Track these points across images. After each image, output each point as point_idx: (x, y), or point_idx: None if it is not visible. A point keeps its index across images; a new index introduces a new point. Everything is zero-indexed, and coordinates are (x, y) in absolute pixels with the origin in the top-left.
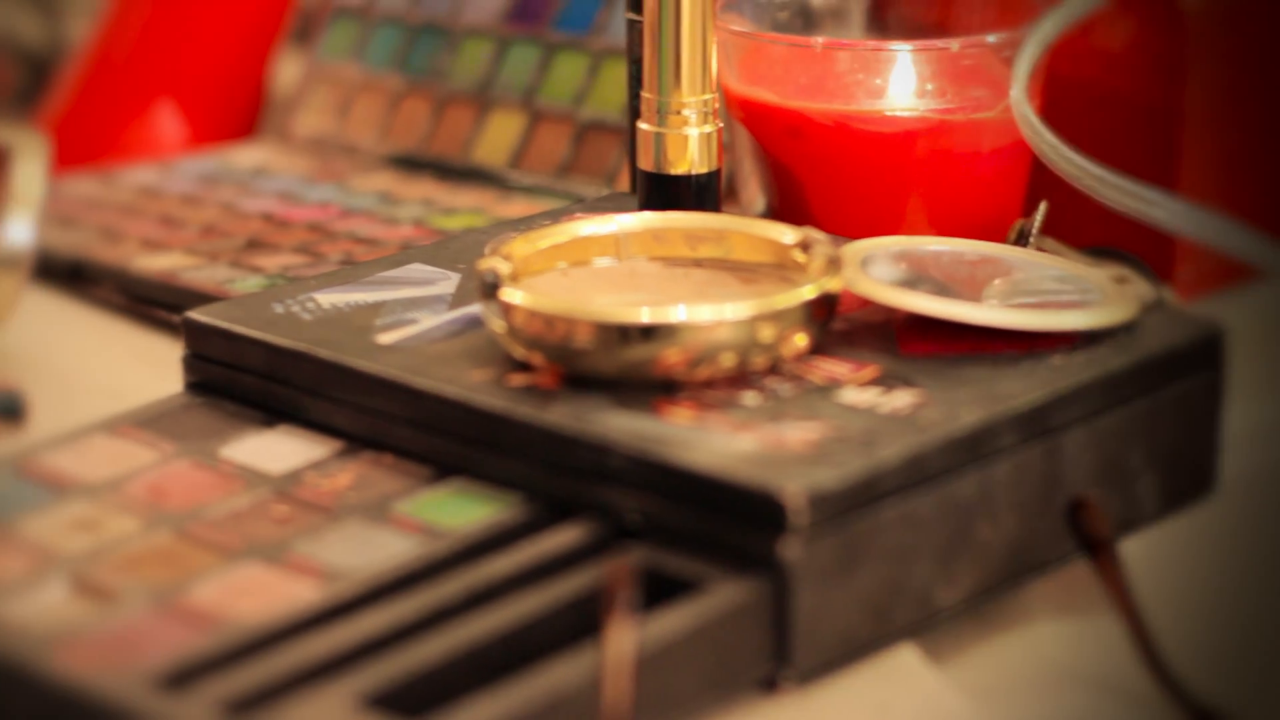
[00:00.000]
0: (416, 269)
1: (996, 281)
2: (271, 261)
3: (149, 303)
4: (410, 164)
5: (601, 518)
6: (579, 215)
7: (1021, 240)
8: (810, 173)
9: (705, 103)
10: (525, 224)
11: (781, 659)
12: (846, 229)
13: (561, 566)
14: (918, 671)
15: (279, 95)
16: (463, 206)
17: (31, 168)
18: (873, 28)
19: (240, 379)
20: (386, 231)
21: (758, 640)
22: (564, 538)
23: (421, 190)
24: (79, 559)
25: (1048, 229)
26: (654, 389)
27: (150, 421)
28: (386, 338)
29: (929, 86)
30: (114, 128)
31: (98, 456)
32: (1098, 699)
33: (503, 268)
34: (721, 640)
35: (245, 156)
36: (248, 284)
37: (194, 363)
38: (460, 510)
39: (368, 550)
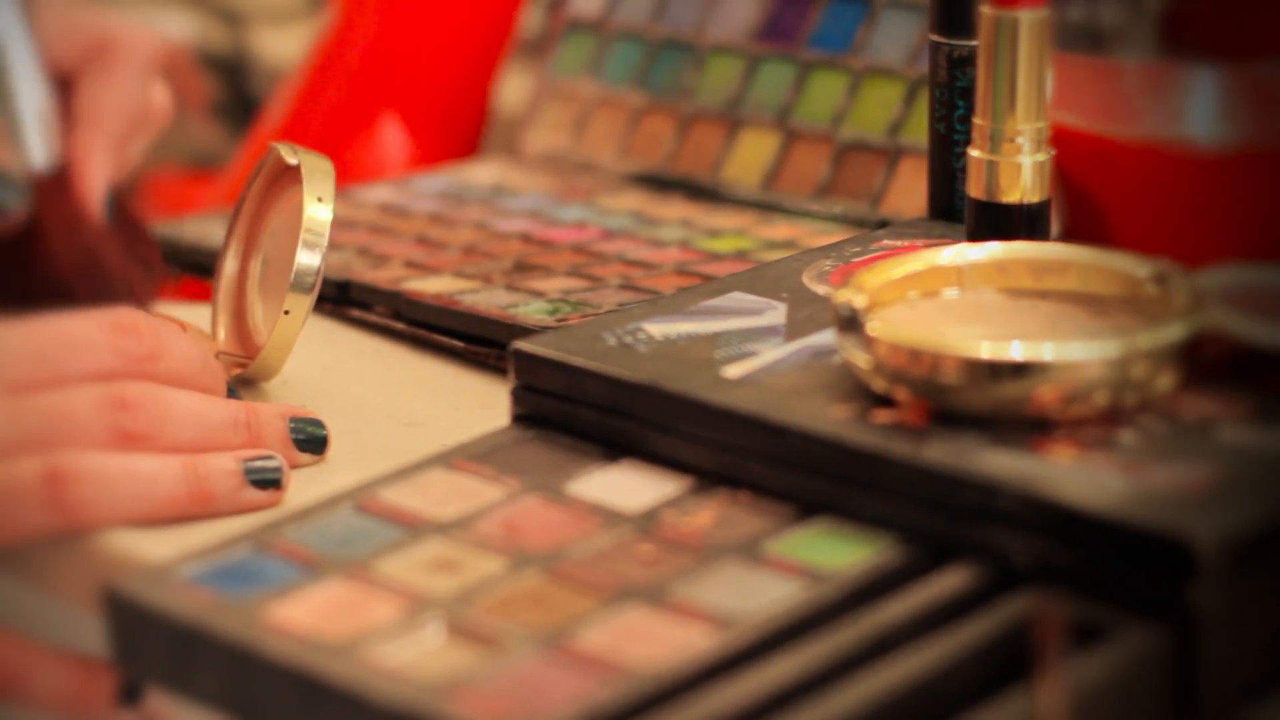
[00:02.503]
0: (738, 298)
1: None
2: (549, 285)
3: (426, 326)
4: (657, 183)
5: (985, 560)
6: (887, 240)
7: None
8: (1115, 198)
9: (1039, 130)
10: (834, 251)
11: (1185, 708)
12: (1151, 255)
13: (955, 612)
14: None
15: (504, 111)
16: (725, 228)
17: (323, 190)
18: (1167, 48)
19: (576, 412)
20: (655, 254)
21: (1160, 689)
22: (952, 582)
23: (674, 210)
24: (450, 601)
25: None
26: (1025, 426)
27: (486, 455)
28: (732, 371)
29: (1239, 111)
30: (338, 143)
31: (440, 492)
32: None
33: (858, 300)
34: (1126, 689)
35: (479, 174)
36: (530, 309)
37: (524, 394)
38: (836, 551)
39: (751, 594)
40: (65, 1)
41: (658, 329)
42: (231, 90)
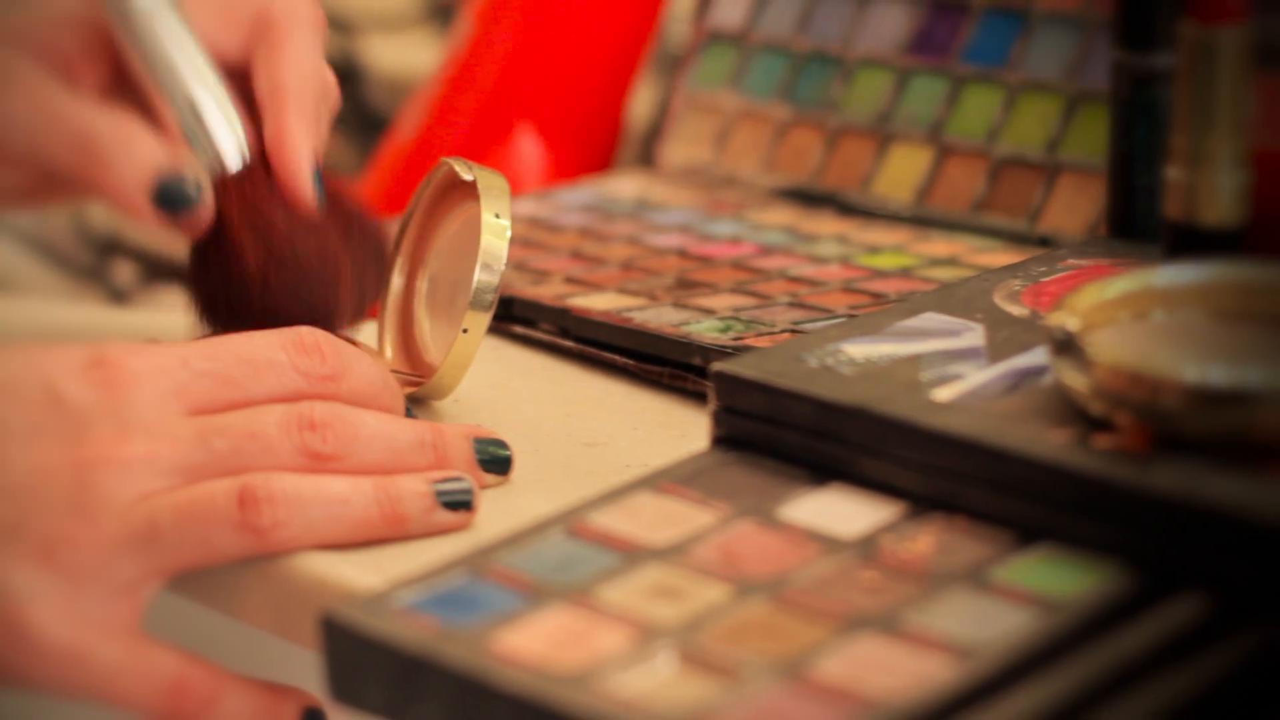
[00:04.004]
0: (933, 318)
1: None
2: (716, 302)
3: (594, 344)
4: (806, 198)
5: (1213, 587)
6: (1073, 260)
7: None
8: None
9: (1239, 149)
10: (1021, 270)
11: None
12: None
13: (1189, 641)
14: None
15: (638, 124)
16: (883, 244)
17: (500, 206)
18: None
19: (779, 434)
20: (817, 270)
21: None
22: (1185, 611)
23: (826, 225)
24: (679, 630)
25: None
26: (1249, 451)
27: (691, 479)
28: (942, 394)
29: None
30: (475, 155)
31: (650, 517)
32: None
33: (1072, 323)
34: None
35: (620, 187)
36: (702, 327)
37: (725, 417)
38: (1063, 579)
39: (984, 622)
40: None
41: (858, 350)
42: (344, 99)
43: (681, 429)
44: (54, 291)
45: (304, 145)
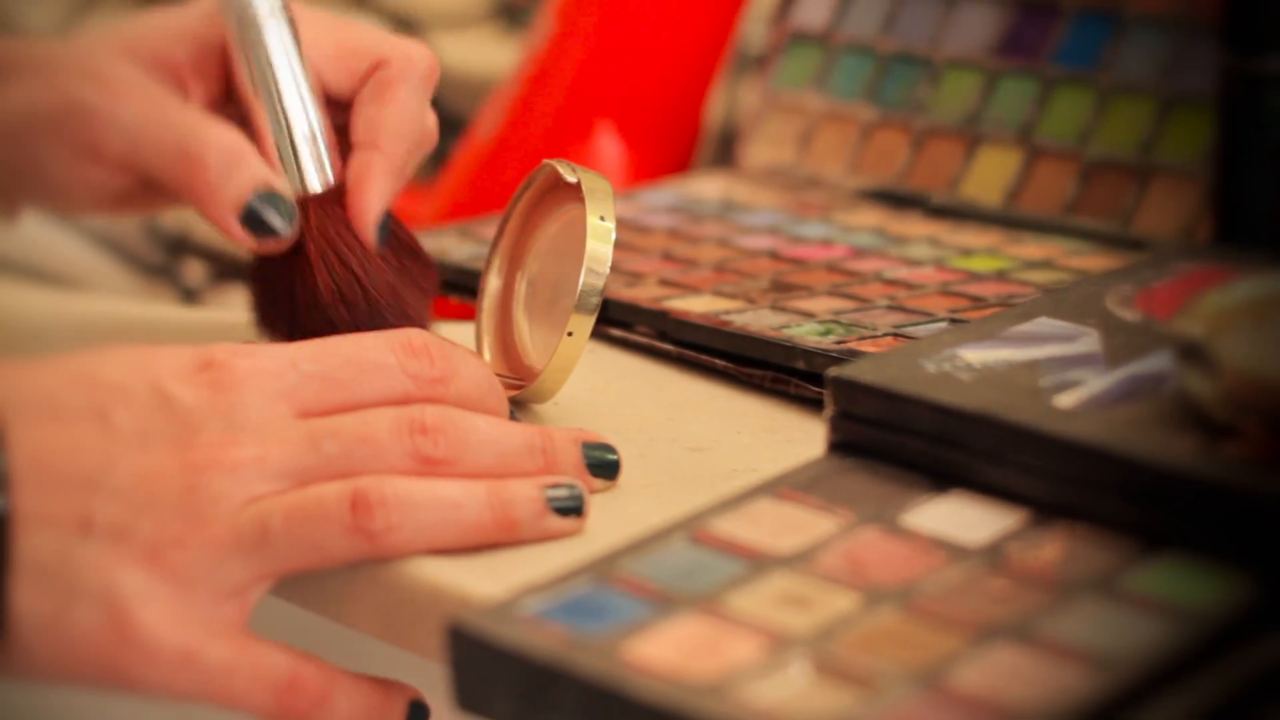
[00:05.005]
0: (1047, 324)
1: None
2: (814, 305)
3: (693, 347)
4: (893, 199)
5: None
6: (1182, 265)
7: None
8: None
9: None
10: (1130, 275)
11: None
12: None
13: None
14: None
15: (718, 124)
16: (975, 247)
17: (604, 209)
18: None
19: (898, 440)
20: (912, 273)
21: None
22: None
23: (916, 227)
24: (811, 639)
25: None
26: None
27: (810, 485)
28: (1064, 400)
29: None
30: (555, 154)
31: (772, 523)
32: None
33: (1196, 330)
34: None
35: (704, 188)
36: (803, 330)
37: (842, 422)
38: (1195, 587)
39: (1119, 632)
40: (333, 21)
41: (975, 355)
42: None
43: (786, 433)
44: (124, 290)
45: (379, 191)
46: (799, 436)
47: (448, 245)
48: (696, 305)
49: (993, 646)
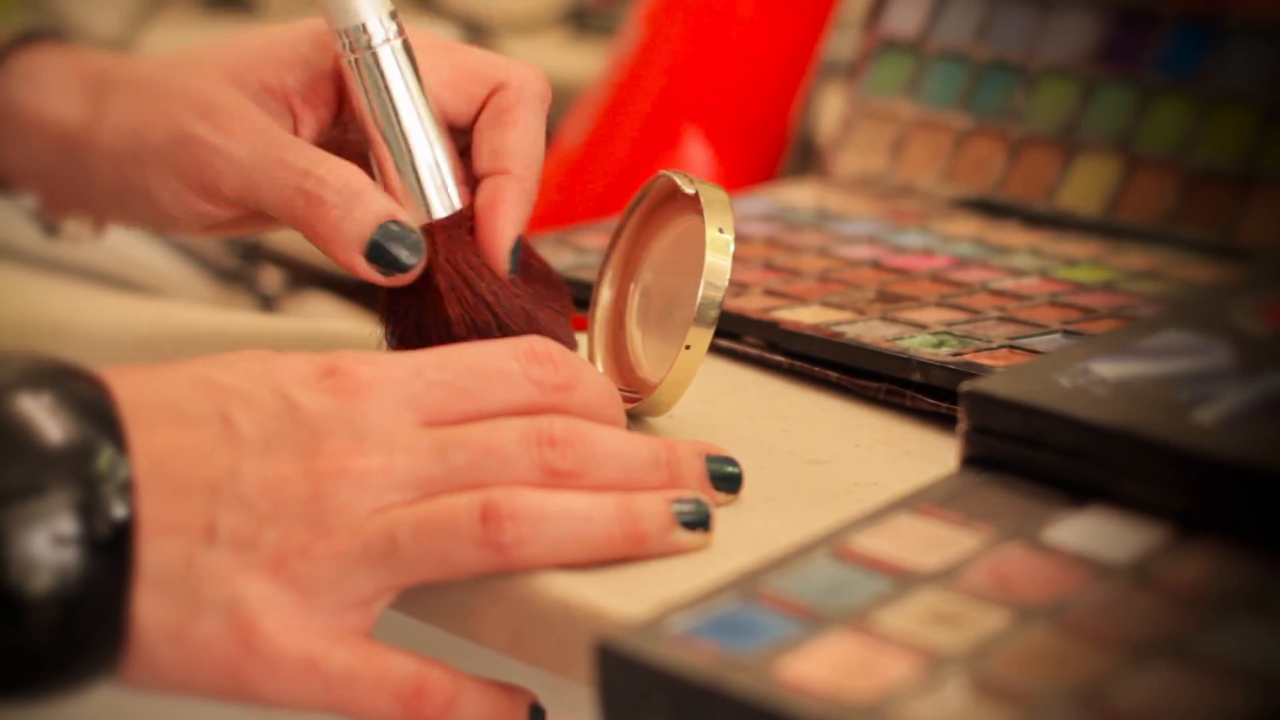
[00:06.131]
0: (1174, 336)
1: None
2: (925, 316)
3: (804, 358)
4: (989, 208)
5: None
6: None
7: None
8: None
9: None
10: (1253, 287)
11: None
12: None
13: None
14: None
15: (808, 131)
16: (1079, 257)
17: (723, 220)
18: None
19: (1034, 455)
20: (1019, 284)
21: None
22: None
23: (1015, 237)
24: (965, 657)
25: None
26: None
27: (948, 500)
28: (1204, 415)
29: None
30: (644, 162)
31: (913, 539)
32: None
33: None
34: None
35: (796, 196)
36: (916, 341)
37: (975, 437)
38: None
39: (1276, 649)
40: (445, 45)
41: (1108, 370)
42: None
43: (903, 445)
44: (199, 296)
45: (511, 218)
46: (917, 449)
47: (544, 254)
48: (805, 316)
49: (1150, 665)
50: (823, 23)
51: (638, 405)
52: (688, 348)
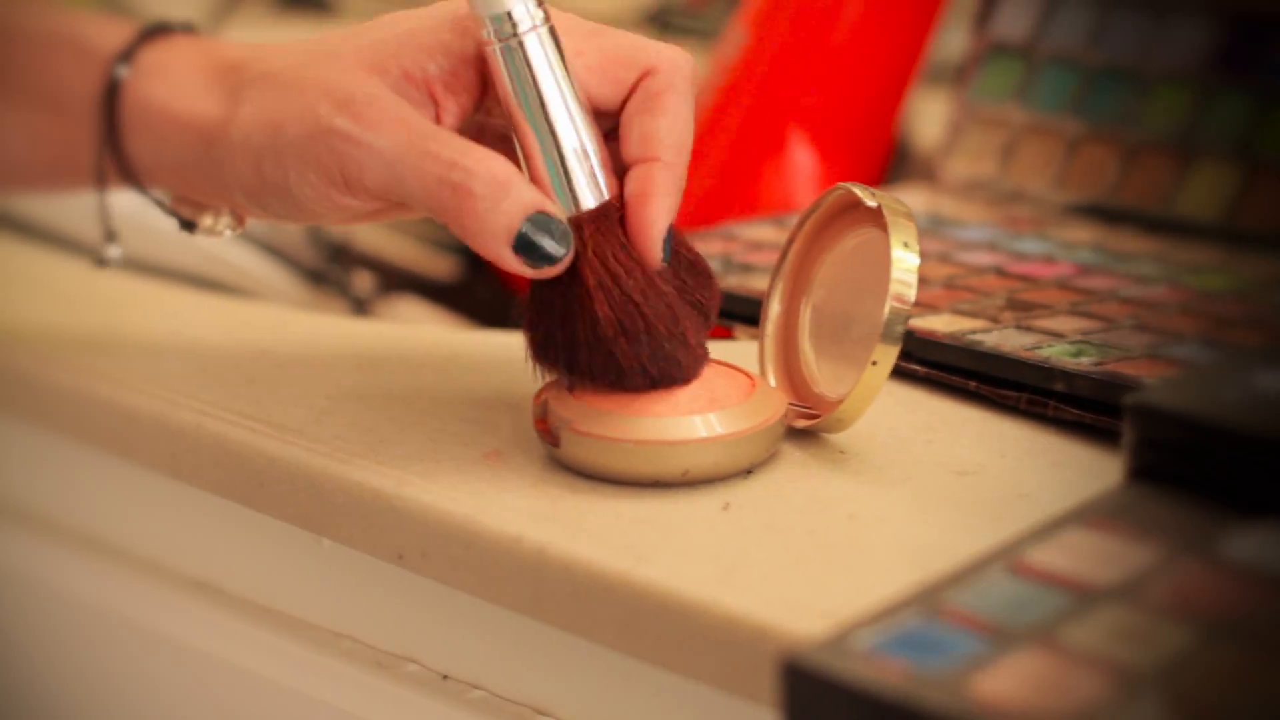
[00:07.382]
0: None
1: None
2: (1060, 325)
3: (940, 367)
4: (1104, 214)
5: None
6: None
7: None
8: None
9: None
10: None
11: None
12: None
13: None
14: None
15: (912, 136)
16: (1203, 265)
17: (908, 235)
18: None
19: (1203, 468)
20: (1146, 291)
21: None
22: None
23: (1134, 244)
24: (1159, 676)
25: None
26: None
27: (1119, 513)
28: None
29: None
30: (748, 166)
31: (1088, 553)
32: None
33: None
34: None
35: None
36: (1055, 350)
37: (1142, 449)
38: None
39: None
40: (591, 28)
41: (1273, 382)
42: None
43: (1050, 456)
44: (290, 298)
45: (664, 207)
46: (1063, 460)
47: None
48: (938, 324)
49: None
50: (929, 25)
51: (817, 422)
52: (874, 364)
